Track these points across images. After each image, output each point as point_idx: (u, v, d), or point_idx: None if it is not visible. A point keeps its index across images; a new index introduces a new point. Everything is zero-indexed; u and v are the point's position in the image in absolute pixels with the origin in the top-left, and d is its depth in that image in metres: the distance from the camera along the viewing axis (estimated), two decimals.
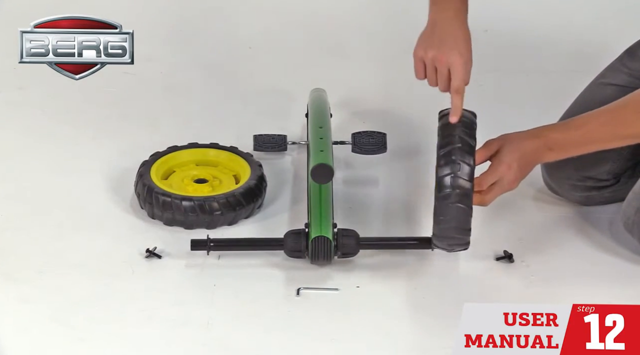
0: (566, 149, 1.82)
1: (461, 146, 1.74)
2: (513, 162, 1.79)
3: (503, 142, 1.81)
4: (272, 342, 1.71)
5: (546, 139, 1.81)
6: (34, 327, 1.71)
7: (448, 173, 1.74)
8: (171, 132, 2.26)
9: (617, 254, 1.94)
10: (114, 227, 1.98)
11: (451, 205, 1.74)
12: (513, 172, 1.80)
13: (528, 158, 1.81)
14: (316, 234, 1.84)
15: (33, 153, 2.20)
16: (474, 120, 1.79)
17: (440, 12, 1.80)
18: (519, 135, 1.83)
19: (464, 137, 1.75)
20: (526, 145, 1.81)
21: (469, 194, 1.74)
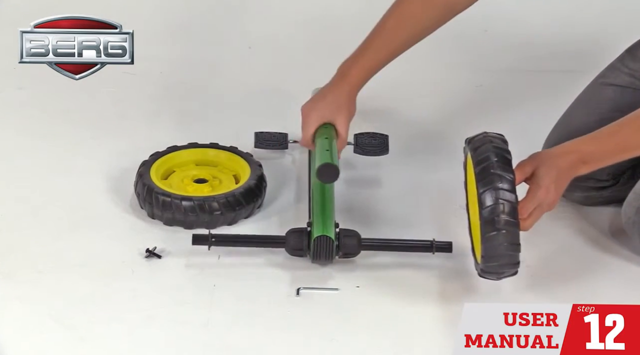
0: (601, 160, 1.78)
1: (501, 183, 1.67)
2: (551, 184, 1.74)
3: (537, 163, 1.76)
4: (272, 342, 1.71)
5: (580, 153, 1.77)
6: (34, 327, 1.71)
7: (493, 216, 1.67)
8: (171, 132, 2.26)
9: (617, 254, 1.94)
10: (114, 227, 1.98)
11: (498, 245, 1.68)
12: (552, 194, 1.75)
13: (564, 176, 1.76)
14: (318, 233, 1.84)
15: (33, 153, 2.20)
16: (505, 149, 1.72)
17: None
18: (551, 153, 1.78)
19: (502, 174, 1.68)
20: (561, 163, 1.76)
21: (516, 231, 1.68)
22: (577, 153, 1.77)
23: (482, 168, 1.69)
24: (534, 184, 1.75)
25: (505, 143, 1.72)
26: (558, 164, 1.76)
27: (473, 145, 1.73)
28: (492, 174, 1.68)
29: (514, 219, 1.67)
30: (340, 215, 1.95)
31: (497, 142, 1.72)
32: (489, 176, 1.68)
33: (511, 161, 1.70)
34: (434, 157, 2.22)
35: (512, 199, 1.67)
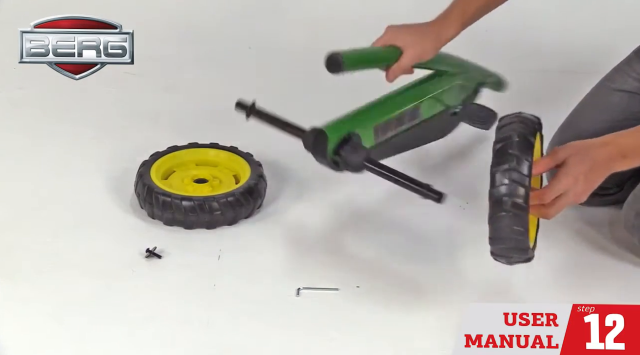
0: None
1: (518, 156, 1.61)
2: (581, 174, 1.66)
3: (571, 151, 1.67)
4: (272, 342, 1.71)
5: (620, 146, 1.67)
6: (34, 327, 1.71)
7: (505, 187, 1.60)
8: (171, 132, 2.26)
9: (617, 254, 1.94)
10: (114, 227, 1.98)
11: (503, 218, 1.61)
12: (580, 184, 1.67)
13: (600, 168, 1.68)
14: (322, 127, 1.81)
15: (33, 153, 2.20)
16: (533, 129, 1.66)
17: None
18: (588, 143, 1.69)
19: (519, 154, 1.61)
20: (597, 154, 1.67)
21: (523, 216, 1.61)
22: (617, 146, 1.69)
23: (500, 147, 1.63)
24: (562, 171, 1.66)
25: (534, 126, 1.65)
26: (594, 154, 1.67)
27: (500, 123, 1.67)
28: (508, 154, 1.61)
29: (523, 203, 1.61)
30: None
31: (526, 124, 1.65)
32: (504, 156, 1.62)
33: (533, 145, 1.63)
34: (434, 157, 2.23)
35: (524, 181, 1.60)
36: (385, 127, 1.99)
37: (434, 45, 1.95)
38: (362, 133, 1.92)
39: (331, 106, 2.27)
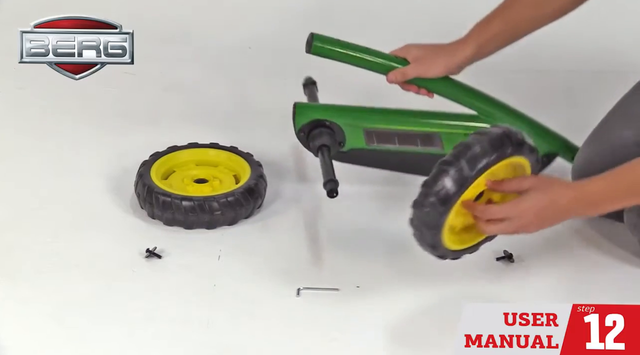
0: (610, 202, 1.69)
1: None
2: (532, 208, 1.67)
3: (537, 185, 1.68)
4: (272, 342, 1.71)
5: (584, 194, 1.68)
6: (34, 327, 1.71)
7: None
8: (171, 132, 2.25)
9: (617, 254, 1.93)
10: (114, 227, 1.98)
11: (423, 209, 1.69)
12: (528, 219, 1.68)
13: (556, 212, 1.69)
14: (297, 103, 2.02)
15: (33, 153, 2.20)
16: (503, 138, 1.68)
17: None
18: (555, 184, 1.70)
19: (464, 165, 1.65)
20: (559, 198, 1.67)
21: (433, 216, 1.68)
22: (582, 193, 1.69)
23: (458, 150, 1.67)
24: (515, 201, 1.69)
25: (507, 146, 1.67)
26: (555, 197, 1.68)
27: (478, 131, 1.70)
28: (458, 160, 1.65)
29: (441, 206, 1.66)
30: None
31: (499, 140, 1.67)
32: (455, 159, 1.66)
33: (487, 164, 1.66)
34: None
35: (451, 190, 1.65)
36: (384, 137, 2.02)
37: (445, 64, 1.97)
38: (348, 129, 2.01)
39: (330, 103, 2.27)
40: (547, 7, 1.95)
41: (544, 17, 1.97)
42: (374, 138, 2.03)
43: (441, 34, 2.03)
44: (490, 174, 1.69)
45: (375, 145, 2.03)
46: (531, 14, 1.96)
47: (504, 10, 1.98)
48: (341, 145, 2.03)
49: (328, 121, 2.02)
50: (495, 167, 1.69)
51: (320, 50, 1.99)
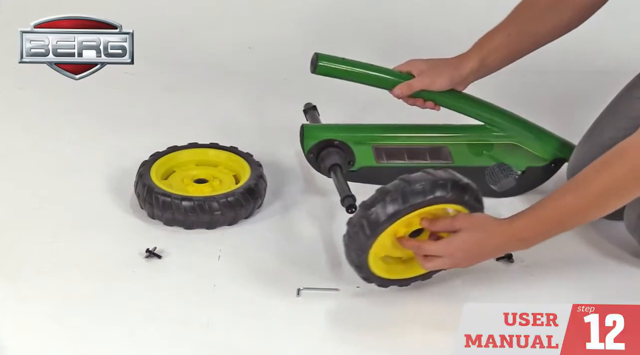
0: (540, 235, 1.73)
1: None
2: (462, 247, 1.72)
3: (468, 226, 1.72)
4: (272, 342, 1.71)
5: (515, 230, 1.72)
6: (34, 327, 1.71)
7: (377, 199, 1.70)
8: (171, 132, 2.25)
9: (617, 254, 1.94)
10: (114, 227, 1.98)
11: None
12: (459, 257, 1.73)
13: (487, 248, 1.74)
14: (304, 125, 2.03)
15: (33, 153, 2.20)
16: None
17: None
18: (487, 222, 1.73)
19: (402, 204, 1.69)
20: (489, 236, 1.72)
21: (356, 242, 1.72)
22: (513, 230, 1.72)
23: (401, 182, 1.70)
24: (447, 239, 1.73)
25: (448, 192, 1.70)
26: (485, 238, 1.73)
27: (426, 170, 1.73)
28: (396, 192, 1.69)
29: (369, 230, 1.70)
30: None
31: (442, 185, 1.70)
32: (394, 190, 1.69)
33: (421, 203, 1.69)
34: None
35: (381, 218, 1.69)
36: (393, 153, 2.02)
37: (450, 76, 1.97)
38: (357, 148, 2.02)
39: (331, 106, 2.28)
40: (551, 22, 1.95)
41: (548, 32, 1.97)
42: (383, 155, 2.04)
43: (444, 52, 2.04)
44: (425, 211, 1.73)
45: (385, 162, 2.04)
46: (535, 28, 1.96)
47: (508, 23, 1.99)
48: (351, 164, 2.03)
49: (337, 140, 2.02)
50: (432, 207, 1.72)
51: (325, 70, 1.99)
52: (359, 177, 2.05)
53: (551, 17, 1.95)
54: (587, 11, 1.95)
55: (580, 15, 1.95)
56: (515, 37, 1.97)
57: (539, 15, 1.96)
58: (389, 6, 2.78)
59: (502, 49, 1.97)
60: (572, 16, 1.95)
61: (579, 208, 1.71)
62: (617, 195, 1.70)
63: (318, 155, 2.02)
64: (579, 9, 1.94)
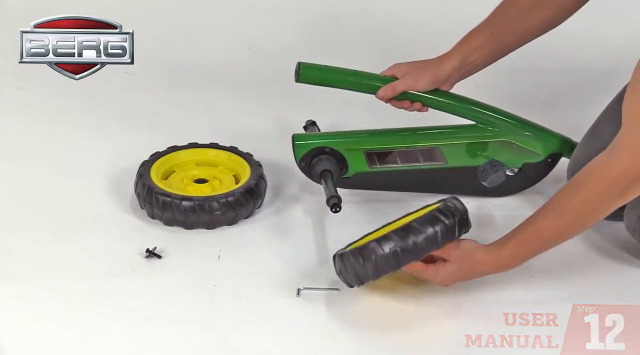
0: (525, 258, 1.76)
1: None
2: (451, 276, 1.76)
3: (458, 258, 1.75)
4: (272, 342, 1.71)
5: (499, 259, 1.75)
6: (34, 327, 1.71)
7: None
8: (171, 132, 2.25)
9: (617, 255, 1.93)
10: (114, 227, 1.98)
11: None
12: (451, 282, 1.77)
13: (474, 275, 1.78)
14: (295, 136, 2.03)
15: (33, 153, 2.20)
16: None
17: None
18: (476, 253, 1.76)
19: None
20: (478, 266, 1.76)
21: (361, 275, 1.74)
22: (499, 260, 1.75)
23: (421, 225, 1.72)
24: (439, 265, 1.76)
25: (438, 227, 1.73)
26: (474, 269, 1.76)
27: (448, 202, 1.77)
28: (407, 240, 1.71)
29: (374, 271, 1.72)
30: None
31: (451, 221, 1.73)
32: (417, 232, 1.71)
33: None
34: None
35: (382, 258, 1.71)
36: (385, 157, 2.02)
37: (433, 74, 1.98)
38: (349, 154, 2.02)
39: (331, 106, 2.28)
40: (533, 20, 1.96)
41: (530, 30, 1.98)
42: (375, 160, 2.04)
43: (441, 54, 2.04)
44: None
45: (378, 167, 2.04)
46: (517, 26, 1.97)
47: (490, 21, 1.99)
48: (344, 171, 2.03)
49: (328, 148, 2.02)
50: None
51: (308, 78, 2.00)
52: (354, 184, 2.05)
53: (533, 15, 1.95)
54: (569, 9, 1.95)
55: (563, 13, 1.96)
56: (497, 35, 1.97)
57: (521, 13, 1.96)
58: (389, 6, 2.78)
59: (483, 47, 1.98)
60: (554, 14, 1.96)
61: (558, 230, 1.74)
62: (593, 214, 1.73)
63: (310, 164, 2.02)
64: (561, 6, 1.95)
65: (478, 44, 1.98)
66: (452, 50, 1.99)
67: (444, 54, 2.00)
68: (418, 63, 2.01)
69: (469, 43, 1.99)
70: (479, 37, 1.98)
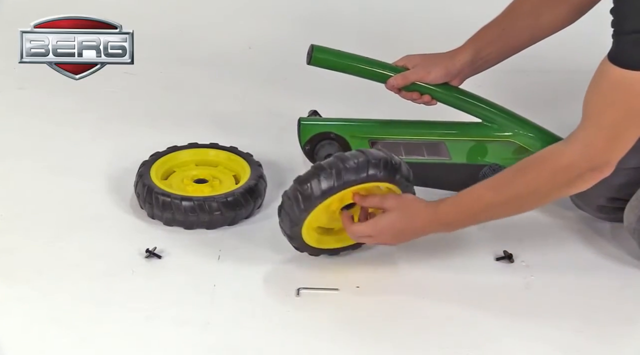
0: (460, 222, 1.78)
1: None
2: (389, 227, 1.77)
3: (397, 206, 1.78)
4: (272, 342, 1.71)
5: (436, 213, 1.77)
6: (34, 327, 1.71)
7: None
8: (171, 132, 2.25)
9: (617, 255, 1.93)
10: (114, 227, 1.98)
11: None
12: (386, 236, 1.79)
13: (413, 229, 1.79)
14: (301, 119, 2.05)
15: (33, 153, 2.20)
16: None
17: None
18: (414, 206, 1.78)
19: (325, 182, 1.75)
20: (415, 217, 1.77)
21: (288, 216, 1.79)
22: (437, 214, 1.77)
23: (335, 159, 1.75)
24: (376, 217, 1.78)
25: (380, 171, 1.76)
26: (411, 219, 1.77)
27: (361, 149, 1.79)
28: (331, 169, 1.74)
29: (303, 204, 1.76)
30: None
31: (375, 163, 1.76)
32: (329, 168, 1.75)
33: (355, 181, 1.75)
34: None
35: (312, 195, 1.75)
36: (390, 148, 2.02)
37: (445, 67, 1.98)
38: (354, 141, 2.03)
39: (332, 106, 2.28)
40: (546, 17, 1.96)
41: (542, 28, 1.98)
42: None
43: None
44: (358, 188, 1.78)
45: None
46: (528, 22, 1.97)
47: (502, 18, 1.99)
48: None
49: (333, 133, 2.03)
50: (365, 185, 1.77)
51: (320, 61, 2.00)
52: None
53: (546, 13, 1.95)
54: (582, 8, 1.96)
55: (576, 12, 1.96)
56: (510, 31, 1.98)
57: (534, 10, 1.96)
58: (390, 6, 2.78)
59: (496, 42, 1.98)
60: (567, 12, 1.96)
61: (496, 205, 1.75)
62: (533, 199, 1.75)
63: (314, 148, 2.03)
64: (574, 5, 1.95)
65: (490, 39, 1.98)
66: (465, 45, 1.99)
67: (457, 48, 2.00)
68: (430, 55, 2.01)
69: (482, 38, 1.99)
70: (491, 33, 1.98)
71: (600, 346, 1.72)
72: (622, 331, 1.76)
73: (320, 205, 1.77)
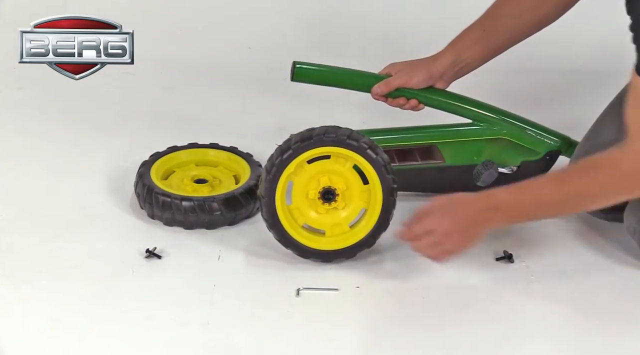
0: (516, 211, 1.75)
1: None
2: (446, 217, 1.74)
3: (436, 201, 1.76)
4: (272, 342, 1.71)
5: (490, 197, 1.75)
6: (34, 327, 1.71)
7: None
8: (171, 132, 2.26)
9: (617, 256, 1.93)
10: (114, 227, 1.98)
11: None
12: (447, 225, 1.74)
13: (471, 219, 1.75)
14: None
15: (33, 153, 2.20)
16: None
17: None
18: (456, 195, 1.77)
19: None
20: (467, 203, 1.75)
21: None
22: (488, 197, 1.75)
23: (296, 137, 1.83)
24: (427, 212, 1.76)
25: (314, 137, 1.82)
26: (463, 204, 1.75)
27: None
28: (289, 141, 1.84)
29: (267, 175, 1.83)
30: None
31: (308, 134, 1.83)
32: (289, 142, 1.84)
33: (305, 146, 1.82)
34: None
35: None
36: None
37: (427, 70, 1.99)
38: None
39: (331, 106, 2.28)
40: (527, 17, 1.97)
41: (523, 28, 1.99)
42: None
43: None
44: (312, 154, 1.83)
45: None
46: (510, 23, 1.98)
47: (484, 19, 2.00)
48: None
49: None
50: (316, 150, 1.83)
51: (303, 77, 2.00)
52: None
53: (528, 13, 1.96)
54: (565, 6, 1.96)
55: (558, 10, 1.97)
56: (491, 32, 1.98)
57: (516, 11, 1.97)
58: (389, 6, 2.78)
59: (477, 44, 1.99)
60: (549, 11, 1.97)
61: (553, 202, 1.73)
62: (593, 201, 1.74)
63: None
64: (556, 4, 1.95)
65: (471, 41, 1.99)
66: (446, 48, 2.01)
67: (438, 52, 2.01)
68: (413, 61, 2.02)
69: (462, 40, 2.00)
70: (472, 35, 1.99)
71: (600, 346, 1.72)
72: (622, 331, 1.76)
73: (295, 186, 1.84)
